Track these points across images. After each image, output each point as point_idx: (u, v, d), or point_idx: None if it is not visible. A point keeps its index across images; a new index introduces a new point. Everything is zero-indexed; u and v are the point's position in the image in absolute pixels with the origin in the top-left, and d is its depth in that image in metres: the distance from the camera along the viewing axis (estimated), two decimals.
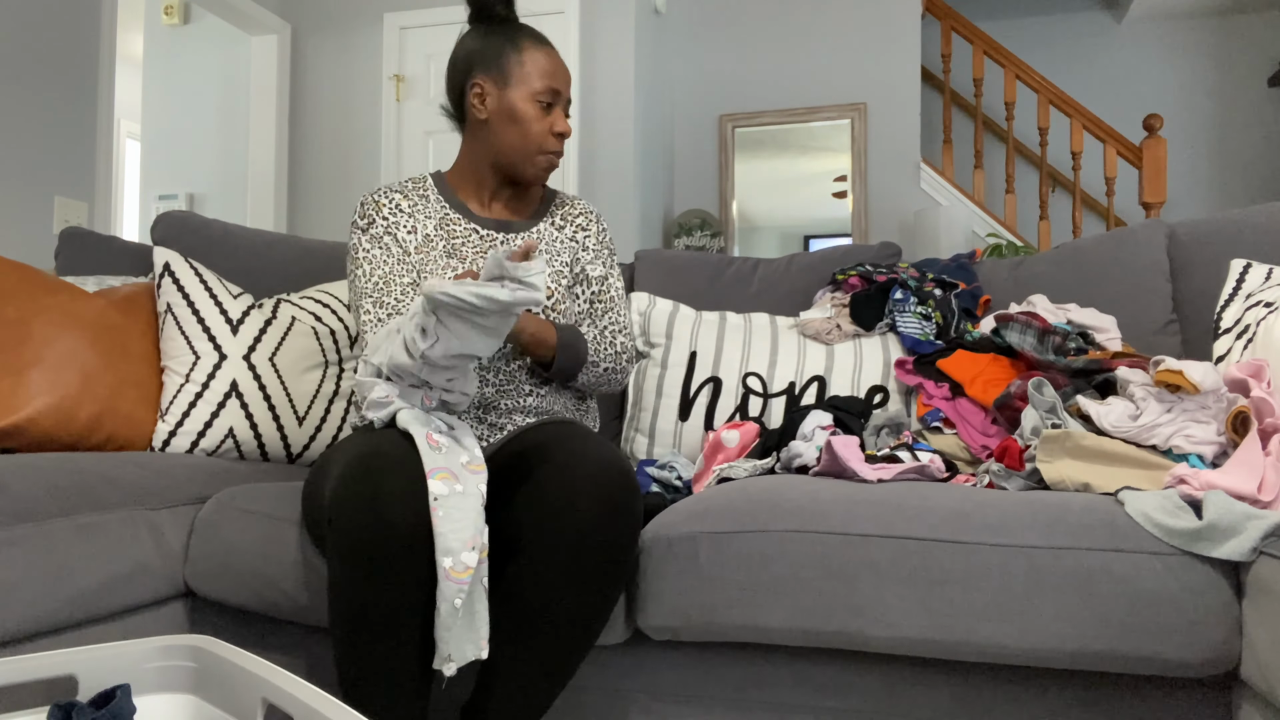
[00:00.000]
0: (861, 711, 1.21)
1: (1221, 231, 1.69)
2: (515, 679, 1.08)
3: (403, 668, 1.04)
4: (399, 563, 1.02)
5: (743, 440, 1.57)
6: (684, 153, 4.83)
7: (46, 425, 1.49)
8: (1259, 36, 5.28)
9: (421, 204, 1.44)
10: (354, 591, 1.02)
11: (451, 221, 1.43)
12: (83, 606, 1.23)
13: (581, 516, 1.06)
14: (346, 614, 1.03)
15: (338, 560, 1.03)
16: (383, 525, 1.01)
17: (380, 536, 1.01)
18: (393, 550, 1.01)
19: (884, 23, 4.52)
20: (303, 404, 1.76)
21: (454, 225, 1.42)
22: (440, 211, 1.44)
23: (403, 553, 1.01)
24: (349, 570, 1.02)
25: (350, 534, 1.02)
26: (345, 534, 1.02)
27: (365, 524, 1.01)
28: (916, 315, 1.73)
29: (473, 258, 1.41)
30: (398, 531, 1.01)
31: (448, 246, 1.41)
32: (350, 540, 1.02)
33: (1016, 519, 1.12)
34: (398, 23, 4.31)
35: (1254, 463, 1.15)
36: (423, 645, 1.05)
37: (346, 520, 1.03)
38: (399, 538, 1.01)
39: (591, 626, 1.10)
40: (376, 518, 1.01)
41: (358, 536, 1.01)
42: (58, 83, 3.30)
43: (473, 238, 1.43)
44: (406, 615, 1.03)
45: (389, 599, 1.02)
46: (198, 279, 1.76)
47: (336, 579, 1.04)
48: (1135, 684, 1.12)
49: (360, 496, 1.02)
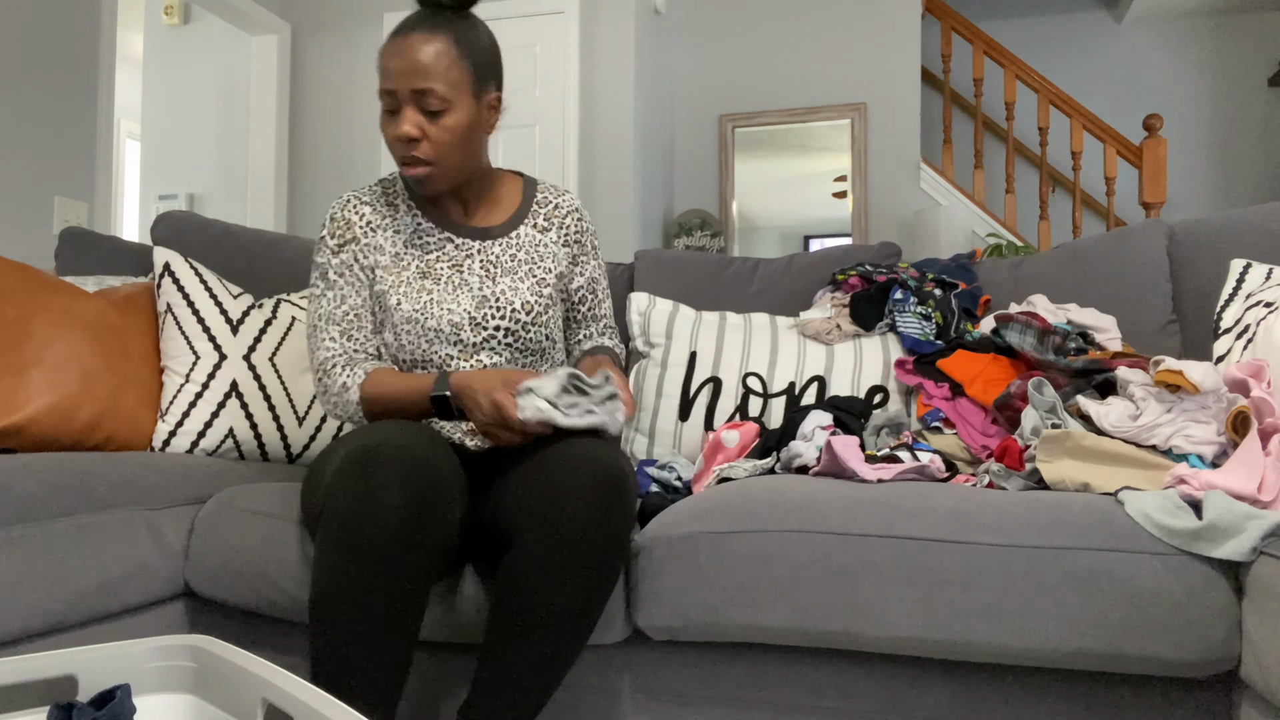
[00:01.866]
0: (861, 711, 1.21)
1: (1221, 231, 1.69)
2: (514, 671, 1.08)
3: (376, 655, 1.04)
4: (389, 561, 1.01)
5: (742, 440, 1.57)
6: (684, 153, 4.83)
7: (46, 425, 1.49)
8: (1259, 36, 5.28)
9: (390, 215, 1.36)
10: (338, 575, 1.02)
11: (423, 233, 1.35)
12: (83, 606, 1.23)
13: (577, 507, 1.06)
14: (327, 604, 1.03)
15: (326, 542, 1.03)
16: (375, 513, 1.01)
17: (372, 524, 1.01)
18: (384, 539, 1.01)
19: (884, 23, 4.52)
20: (303, 404, 1.76)
21: (427, 237, 1.35)
22: (410, 222, 1.36)
23: (394, 544, 1.01)
24: (336, 554, 1.02)
25: (341, 517, 1.02)
26: (336, 516, 1.03)
27: (357, 510, 1.01)
28: (916, 315, 1.73)
29: (448, 274, 1.34)
30: (390, 520, 1.01)
31: (420, 266, 1.34)
32: (340, 523, 1.02)
33: (1016, 519, 1.12)
34: (397, 23, 4.31)
35: (1254, 463, 1.14)
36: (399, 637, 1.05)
37: (338, 504, 1.03)
38: (391, 527, 1.01)
39: (589, 617, 1.10)
40: (370, 511, 1.01)
41: (348, 521, 1.02)
42: (58, 83, 3.30)
43: (447, 248, 1.36)
44: (389, 604, 1.03)
45: (374, 586, 1.02)
46: (198, 279, 1.76)
47: (322, 559, 1.04)
48: (1135, 684, 1.12)
49: (355, 483, 1.03)
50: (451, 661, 1.32)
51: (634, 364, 1.84)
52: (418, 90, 1.21)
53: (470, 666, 1.32)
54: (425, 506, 1.04)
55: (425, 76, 1.21)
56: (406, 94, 1.22)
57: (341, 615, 1.03)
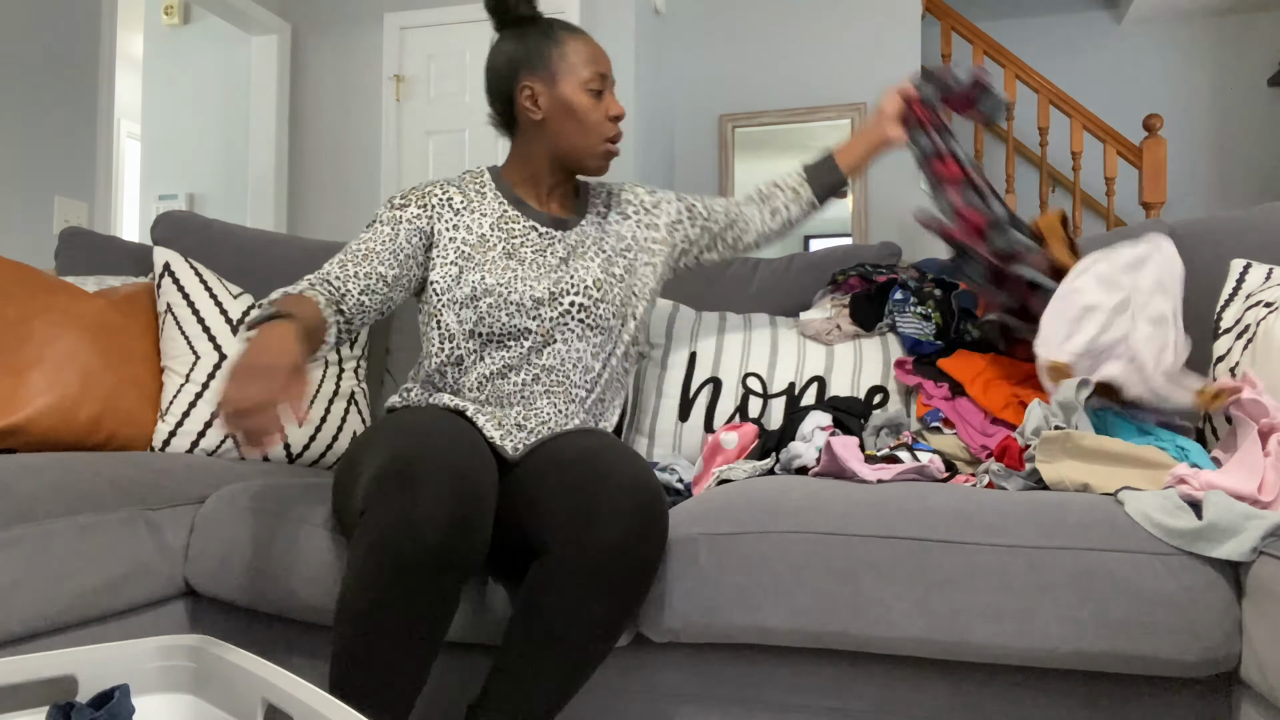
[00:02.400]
0: (861, 711, 1.21)
1: (1221, 231, 1.69)
2: (532, 679, 1.08)
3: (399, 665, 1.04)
4: (424, 576, 1.01)
5: (741, 442, 1.57)
6: (684, 153, 4.83)
7: (46, 425, 1.49)
8: (1259, 36, 5.28)
9: (478, 199, 1.44)
10: (372, 584, 1.01)
11: (509, 219, 1.43)
12: (83, 606, 1.23)
13: (614, 529, 1.05)
14: (356, 609, 1.03)
15: (361, 555, 1.02)
16: (414, 535, 1.00)
17: (412, 538, 1.00)
18: (423, 554, 1.00)
19: (884, 23, 4.52)
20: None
21: (512, 224, 1.43)
22: (499, 208, 1.44)
23: (432, 559, 1.00)
24: (372, 563, 1.01)
25: (381, 529, 1.01)
26: (374, 530, 1.02)
27: (398, 523, 1.00)
28: (916, 315, 1.73)
29: (531, 257, 1.40)
30: (430, 537, 1.00)
31: (506, 248, 1.40)
32: (380, 534, 1.01)
33: (1016, 519, 1.12)
34: (398, 23, 4.31)
35: (1254, 463, 1.15)
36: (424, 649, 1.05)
37: (379, 514, 1.02)
38: (431, 543, 1.00)
39: (611, 636, 1.10)
40: (409, 526, 1.00)
41: (390, 534, 1.00)
42: (58, 83, 3.30)
43: (531, 235, 1.43)
44: (420, 617, 1.02)
45: (407, 599, 1.01)
46: (198, 279, 1.76)
47: (356, 566, 1.03)
48: (1135, 684, 1.12)
49: (397, 494, 1.01)
50: (459, 659, 1.32)
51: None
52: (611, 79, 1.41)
53: (479, 665, 1.32)
54: (466, 524, 1.03)
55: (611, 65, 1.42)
56: (612, 81, 1.40)
57: (369, 623, 1.02)
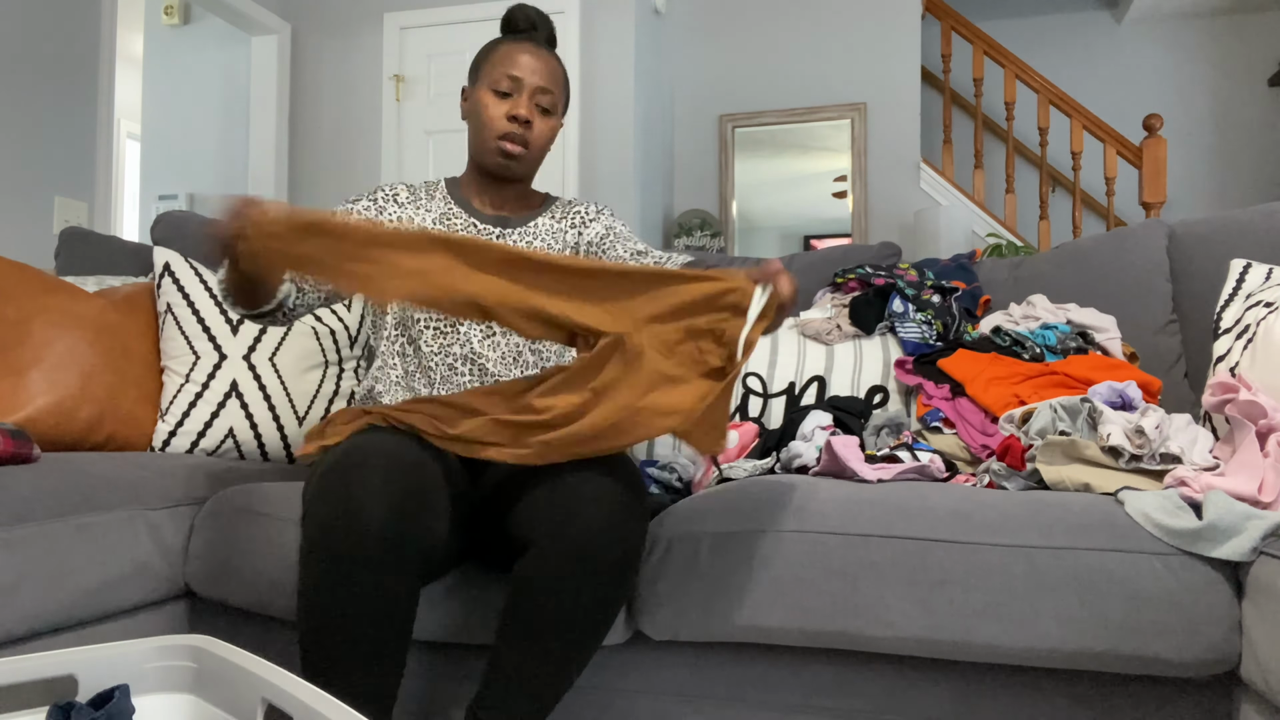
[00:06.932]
0: (861, 711, 1.21)
1: (1221, 231, 1.69)
2: (525, 673, 1.08)
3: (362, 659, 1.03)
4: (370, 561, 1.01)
5: (741, 441, 1.57)
6: (684, 153, 4.82)
7: (46, 425, 1.49)
8: (1259, 36, 5.27)
9: (426, 199, 1.47)
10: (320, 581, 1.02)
11: (452, 216, 1.45)
12: (83, 606, 1.23)
13: (596, 517, 1.06)
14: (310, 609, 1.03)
15: (307, 549, 1.03)
16: (354, 522, 1.00)
17: (351, 533, 1.00)
18: (363, 548, 1.00)
19: (884, 23, 4.52)
20: (303, 404, 1.76)
21: (454, 220, 1.45)
22: (443, 207, 1.47)
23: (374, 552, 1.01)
24: (316, 561, 1.02)
25: (321, 526, 1.02)
26: (316, 524, 1.02)
27: (337, 518, 1.01)
28: (917, 323, 1.73)
29: None
30: (369, 529, 1.00)
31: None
32: (320, 531, 1.02)
33: (1016, 519, 1.12)
34: (398, 23, 4.31)
35: (1254, 464, 1.15)
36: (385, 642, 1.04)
37: (318, 511, 1.02)
38: (371, 536, 1.00)
39: (600, 625, 1.10)
40: (349, 513, 1.01)
41: (328, 529, 1.01)
42: (58, 83, 3.30)
43: (470, 232, 1.44)
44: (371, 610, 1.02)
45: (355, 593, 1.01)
46: (198, 279, 1.76)
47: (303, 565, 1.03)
48: (1135, 684, 1.12)
49: (336, 490, 1.02)
50: (458, 661, 1.32)
51: None
52: (540, 88, 1.39)
53: (476, 666, 1.32)
54: (406, 515, 1.03)
55: (551, 81, 1.40)
56: (531, 87, 1.39)
57: (325, 620, 1.02)
